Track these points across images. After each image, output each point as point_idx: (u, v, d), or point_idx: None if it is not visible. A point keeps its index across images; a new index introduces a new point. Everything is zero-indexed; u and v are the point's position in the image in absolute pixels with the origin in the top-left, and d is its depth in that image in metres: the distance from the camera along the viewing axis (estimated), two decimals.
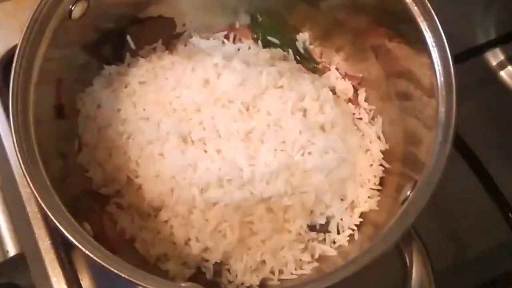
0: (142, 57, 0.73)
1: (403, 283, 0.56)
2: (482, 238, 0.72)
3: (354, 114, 0.73)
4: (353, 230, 0.66)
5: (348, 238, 0.66)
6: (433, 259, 0.56)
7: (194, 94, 0.66)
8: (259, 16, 0.77)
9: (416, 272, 0.55)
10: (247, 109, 0.66)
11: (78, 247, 0.50)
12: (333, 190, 0.66)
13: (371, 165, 0.69)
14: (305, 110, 0.67)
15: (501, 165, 0.76)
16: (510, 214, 0.69)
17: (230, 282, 0.63)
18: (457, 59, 0.60)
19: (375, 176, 0.68)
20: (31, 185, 0.52)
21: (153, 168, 0.65)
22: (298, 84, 0.68)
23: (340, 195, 0.67)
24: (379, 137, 0.70)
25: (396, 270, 0.56)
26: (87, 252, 0.50)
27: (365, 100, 0.73)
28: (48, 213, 0.51)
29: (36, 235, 0.63)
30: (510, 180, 0.71)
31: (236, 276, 0.63)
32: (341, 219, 0.67)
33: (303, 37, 0.77)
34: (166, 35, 0.75)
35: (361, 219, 0.67)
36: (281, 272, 0.63)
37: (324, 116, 0.67)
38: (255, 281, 0.63)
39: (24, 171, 0.53)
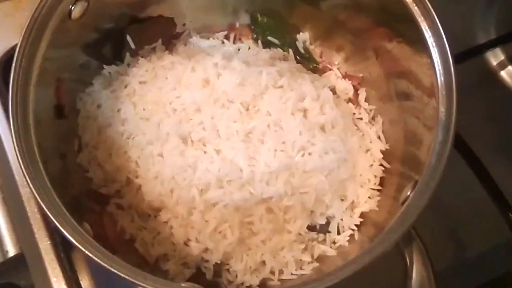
0: (142, 57, 0.73)
1: (403, 283, 0.55)
2: (482, 238, 0.72)
3: (354, 114, 0.73)
4: (353, 230, 0.66)
5: (348, 238, 0.66)
6: (433, 259, 0.56)
7: (194, 94, 0.66)
8: (259, 16, 0.77)
9: (416, 272, 0.55)
10: (247, 109, 0.66)
11: (78, 247, 0.50)
12: (333, 190, 0.66)
13: (371, 165, 0.69)
14: (305, 110, 0.67)
15: (501, 165, 0.76)
16: (510, 214, 0.68)
17: (230, 282, 0.63)
18: (457, 59, 0.60)
19: (375, 176, 0.68)
20: (30, 185, 0.52)
21: (153, 168, 0.65)
22: (298, 84, 0.68)
23: (340, 195, 0.67)
24: (379, 137, 0.70)
25: (397, 270, 0.56)
26: (87, 252, 0.50)
27: (365, 100, 0.73)
28: (48, 213, 0.51)
29: (35, 235, 0.63)
30: (510, 180, 0.71)
31: (236, 276, 0.63)
32: (341, 219, 0.67)
33: (303, 37, 0.77)
34: (166, 35, 0.75)
35: (361, 219, 0.67)
36: (281, 272, 0.63)
37: (324, 116, 0.67)
38: (255, 281, 0.63)
39: (24, 171, 0.53)
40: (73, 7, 0.61)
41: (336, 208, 0.66)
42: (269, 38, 0.76)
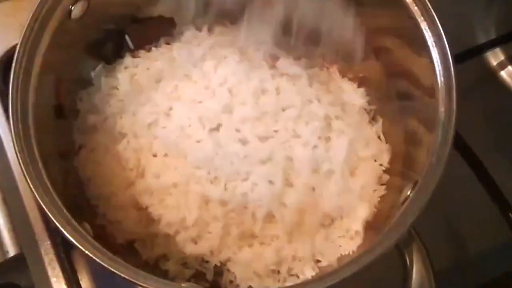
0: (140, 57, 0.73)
1: (403, 284, 0.55)
2: (482, 238, 0.72)
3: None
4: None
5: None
6: (433, 259, 0.56)
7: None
8: None
9: (416, 272, 0.55)
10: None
11: (78, 247, 0.50)
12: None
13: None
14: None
15: (501, 165, 0.76)
16: (510, 214, 0.69)
17: (230, 282, 0.63)
18: (457, 59, 0.60)
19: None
20: (30, 185, 0.52)
21: (153, 170, 0.65)
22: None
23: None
24: (379, 137, 0.70)
25: (396, 271, 0.56)
26: (87, 252, 0.50)
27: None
28: (48, 213, 0.51)
29: (36, 235, 0.63)
30: (510, 180, 0.71)
31: (236, 277, 0.63)
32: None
33: None
34: (166, 35, 0.75)
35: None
36: None
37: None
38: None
39: (24, 171, 0.52)
40: (73, 7, 0.61)
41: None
42: None
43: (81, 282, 0.63)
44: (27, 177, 0.52)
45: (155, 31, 0.74)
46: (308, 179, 0.63)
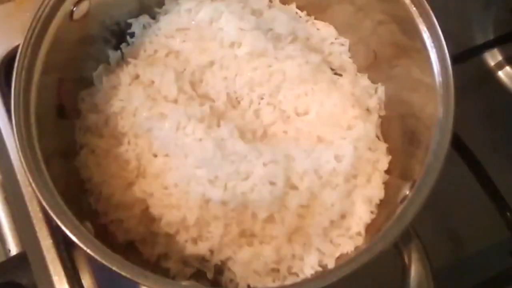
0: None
1: (402, 282, 0.56)
2: (480, 237, 0.73)
3: None
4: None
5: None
6: (431, 258, 0.56)
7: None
8: None
9: (414, 271, 0.56)
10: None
11: (79, 245, 0.51)
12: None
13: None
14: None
15: (499, 165, 0.76)
16: (508, 214, 0.69)
17: (230, 280, 0.63)
18: (455, 59, 0.60)
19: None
20: (32, 184, 0.52)
21: (154, 170, 0.65)
22: None
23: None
24: (378, 137, 0.71)
25: (395, 269, 0.57)
26: (88, 250, 0.50)
27: None
28: (50, 212, 0.52)
29: (37, 234, 0.63)
30: (507, 180, 0.72)
31: (236, 275, 0.63)
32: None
33: None
34: None
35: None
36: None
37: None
38: None
39: (26, 170, 0.53)
40: (75, 8, 0.62)
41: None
42: None
43: (82, 280, 0.63)
44: (29, 176, 0.53)
45: None
46: (310, 182, 0.63)
